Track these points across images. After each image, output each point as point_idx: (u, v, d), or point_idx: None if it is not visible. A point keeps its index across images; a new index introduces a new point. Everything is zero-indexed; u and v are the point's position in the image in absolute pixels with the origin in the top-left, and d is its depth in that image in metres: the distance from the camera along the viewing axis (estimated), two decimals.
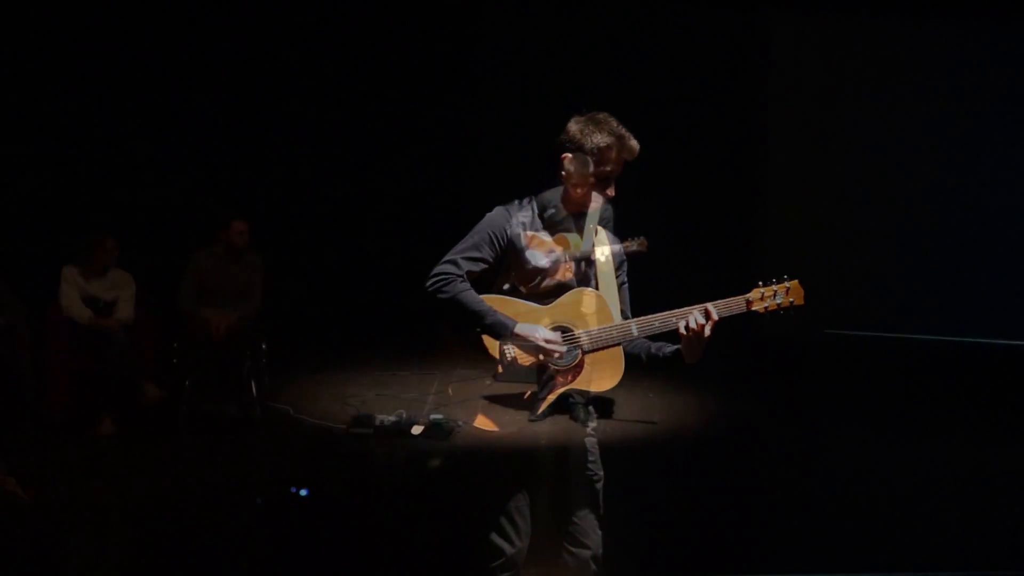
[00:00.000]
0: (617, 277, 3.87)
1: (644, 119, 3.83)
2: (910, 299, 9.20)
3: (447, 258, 3.73)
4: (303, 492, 6.13)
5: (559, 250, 3.78)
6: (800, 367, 8.66)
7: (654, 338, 3.76)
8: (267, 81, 9.53)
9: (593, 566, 3.89)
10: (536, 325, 3.71)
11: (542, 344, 3.68)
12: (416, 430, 6.90)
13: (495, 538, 3.85)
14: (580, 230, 3.81)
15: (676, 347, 3.72)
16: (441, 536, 5.66)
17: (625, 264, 3.93)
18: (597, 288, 3.83)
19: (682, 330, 3.60)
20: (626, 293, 3.94)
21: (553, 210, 3.79)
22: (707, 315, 3.60)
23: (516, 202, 3.83)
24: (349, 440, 6.94)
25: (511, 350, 3.71)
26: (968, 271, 9.09)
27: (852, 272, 9.23)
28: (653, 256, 9.10)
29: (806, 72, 9.23)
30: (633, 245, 6.45)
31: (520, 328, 3.68)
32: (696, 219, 9.29)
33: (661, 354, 3.78)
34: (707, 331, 3.59)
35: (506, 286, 3.80)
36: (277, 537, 5.76)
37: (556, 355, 3.70)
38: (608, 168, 3.71)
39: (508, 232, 3.74)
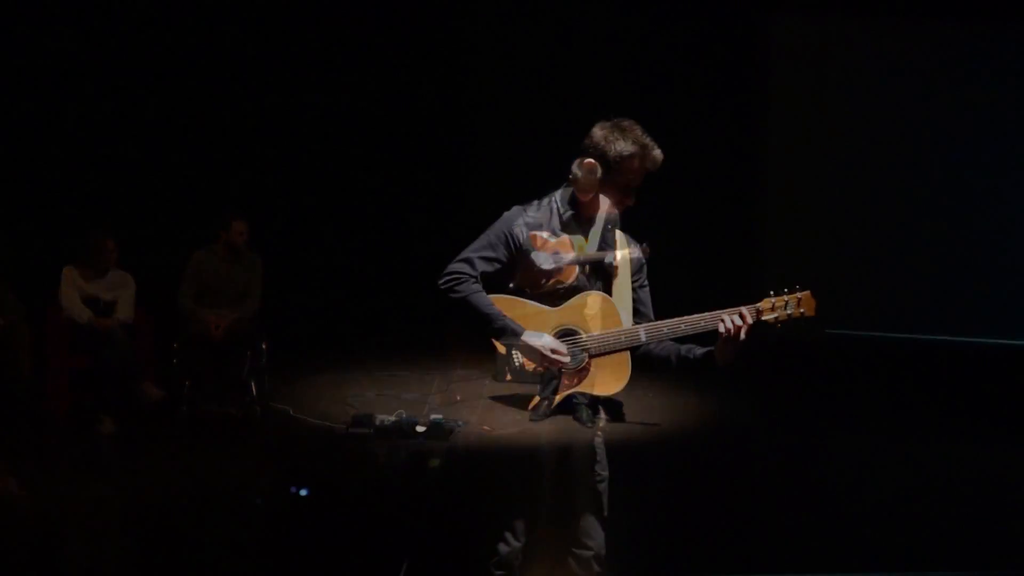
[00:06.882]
0: (635, 281, 3.83)
1: (644, 119, 3.83)
2: (910, 299, 9.20)
3: (462, 256, 3.69)
4: (303, 492, 6.12)
5: (565, 253, 3.70)
6: (800, 367, 8.65)
7: (683, 340, 3.73)
8: (267, 80, 9.52)
9: (596, 566, 3.92)
10: (542, 333, 3.66)
11: (547, 354, 3.65)
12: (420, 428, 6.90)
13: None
14: (586, 234, 3.77)
15: (707, 349, 3.70)
16: (441, 536, 5.66)
17: (644, 268, 3.89)
18: (610, 292, 3.75)
19: (722, 329, 3.59)
20: (647, 296, 3.89)
21: (569, 211, 3.74)
22: (743, 317, 3.58)
23: (535, 202, 3.78)
24: (349, 440, 6.94)
25: (519, 356, 3.68)
26: (968, 271, 9.09)
27: (852, 272, 9.23)
28: (653, 258, 9.12)
29: (806, 72, 9.23)
30: (635, 251, 6.43)
31: (527, 336, 3.65)
32: (696, 220, 9.28)
33: (692, 356, 3.73)
34: (743, 334, 3.58)
35: (511, 284, 3.76)
36: (277, 537, 5.76)
37: (560, 365, 3.68)
38: (629, 177, 3.70)
39: (516, 232, 3.69)
